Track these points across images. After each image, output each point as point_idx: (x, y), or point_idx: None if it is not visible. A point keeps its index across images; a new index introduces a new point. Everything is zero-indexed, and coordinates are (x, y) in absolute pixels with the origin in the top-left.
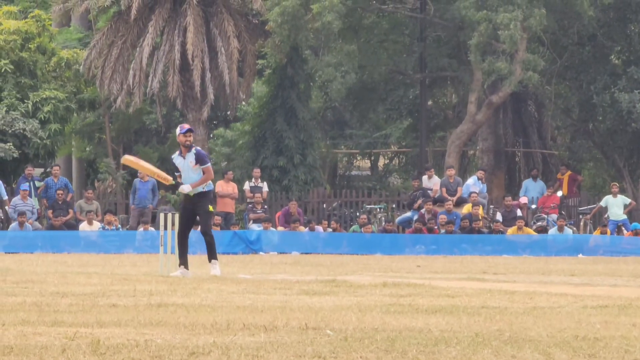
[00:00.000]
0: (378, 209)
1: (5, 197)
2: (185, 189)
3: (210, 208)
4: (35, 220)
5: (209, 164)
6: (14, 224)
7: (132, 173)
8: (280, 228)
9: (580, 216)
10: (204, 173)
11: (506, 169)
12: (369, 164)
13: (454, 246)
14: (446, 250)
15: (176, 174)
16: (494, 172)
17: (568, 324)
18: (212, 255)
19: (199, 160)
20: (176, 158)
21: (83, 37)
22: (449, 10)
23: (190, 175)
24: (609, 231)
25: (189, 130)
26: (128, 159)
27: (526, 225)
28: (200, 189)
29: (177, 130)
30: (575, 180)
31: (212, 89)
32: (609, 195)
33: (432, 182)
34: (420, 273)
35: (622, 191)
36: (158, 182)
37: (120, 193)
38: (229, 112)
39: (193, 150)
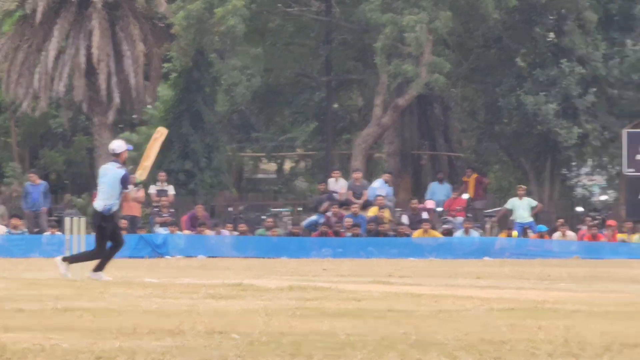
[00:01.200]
0: (284, 212)
1: None
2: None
3: None
4: None
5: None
6: None
7: (39, 177)
8: (186, 232)
9: (486, 219)
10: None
11: (412, 172)
12: (275, 167)
13: (360, 249)
14: (352, 253)
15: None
16: (400, 175)
17: (474, 327)
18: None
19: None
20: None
21: None
22: (355, 13)
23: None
24: (514, 233)
25: None
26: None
27: (432, 228)
28: (114, 207)
29: (124, 146)
30: (482, 183)
31: (117, 92)
32: (514, 197)
33: (338, 185)
34: (326, 276)
35: (529, 194)
36: (50, 185)
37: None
38: (134, 116)
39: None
